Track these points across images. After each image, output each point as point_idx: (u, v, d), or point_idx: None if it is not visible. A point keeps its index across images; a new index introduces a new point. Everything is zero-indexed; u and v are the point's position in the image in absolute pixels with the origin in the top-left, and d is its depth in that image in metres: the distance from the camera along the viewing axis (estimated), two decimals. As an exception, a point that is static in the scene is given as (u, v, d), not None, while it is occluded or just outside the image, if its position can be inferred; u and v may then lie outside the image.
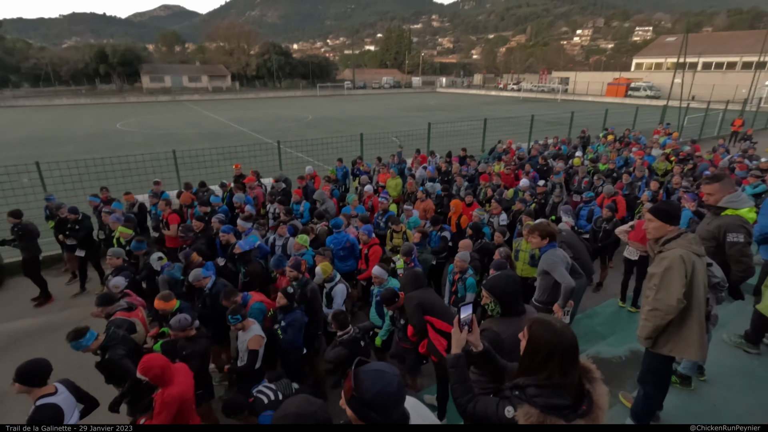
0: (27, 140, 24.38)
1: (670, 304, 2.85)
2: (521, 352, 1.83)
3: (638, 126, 19.98)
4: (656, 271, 2.96)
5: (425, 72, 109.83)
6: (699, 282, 2.88)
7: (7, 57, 67.18)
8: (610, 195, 7.81)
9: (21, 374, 2.87)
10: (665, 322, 2.95)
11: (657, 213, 3.02)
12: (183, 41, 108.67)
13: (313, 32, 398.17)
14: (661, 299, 2.89)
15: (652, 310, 2.97)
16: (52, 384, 3.03)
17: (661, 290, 2.89)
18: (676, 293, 2.82)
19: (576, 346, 1.72)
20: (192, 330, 3.79)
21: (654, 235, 3.06)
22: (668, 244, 2.96)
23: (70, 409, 2.97)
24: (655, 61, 64.43)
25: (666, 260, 2.89)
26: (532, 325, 1.79)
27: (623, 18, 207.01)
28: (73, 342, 3.56)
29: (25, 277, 7.49)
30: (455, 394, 1.96)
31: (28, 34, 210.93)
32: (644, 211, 6.79)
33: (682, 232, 2.98)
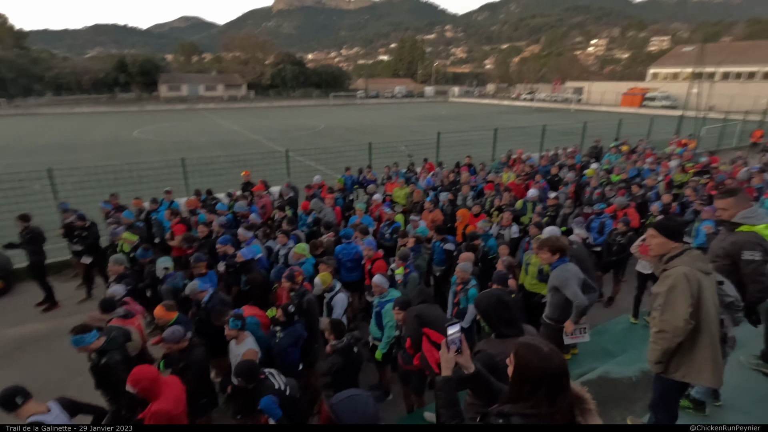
0: (46, 147, 25.00)
1: (677, 326, 2.70)
2: (509, 378, 1.71)
3: (653, 136, 19.59)
4: (660, 291, 2.81)
5: (438, 82, 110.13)
6: (708, 301, 2.72)
7: (33, 67, 69.40)
8: (623, 207, 7.62)
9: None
10: (674, 345, 2.79)
11: (660, 228, 2.89)
12: (200, 51, 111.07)
13: (328, 42, 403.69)
14: (668, 320, 2.74)
15: (659, 332, 2.82)
16: (44, 404, 2.98)
17: (667, 310, 2.74)
18: (682, 313, 2.66)
19: (566, 372, 1.60)
20: (185, 341, 3.73)
21: (657, 252, 2.93)
22: (672, 261, 2.81)
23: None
24: (672, 71, 63.52)
25: (669, 279, 2.75)
26: (519, 349, 1.67)
27: (639, 28, 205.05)
28: (76, 336, 3.56)
29: (33, 283, 7.59)
30: (441, 419, 1.84)
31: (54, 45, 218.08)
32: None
33: (686, 248, 2.83)
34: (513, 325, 2.53)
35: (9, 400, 2.83)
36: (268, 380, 3.40)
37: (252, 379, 3.35)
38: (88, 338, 3.56)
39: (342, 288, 5.00)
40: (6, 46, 72.04)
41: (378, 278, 4.71)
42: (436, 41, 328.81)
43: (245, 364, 3.45)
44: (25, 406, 2.86)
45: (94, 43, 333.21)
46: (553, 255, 4.14)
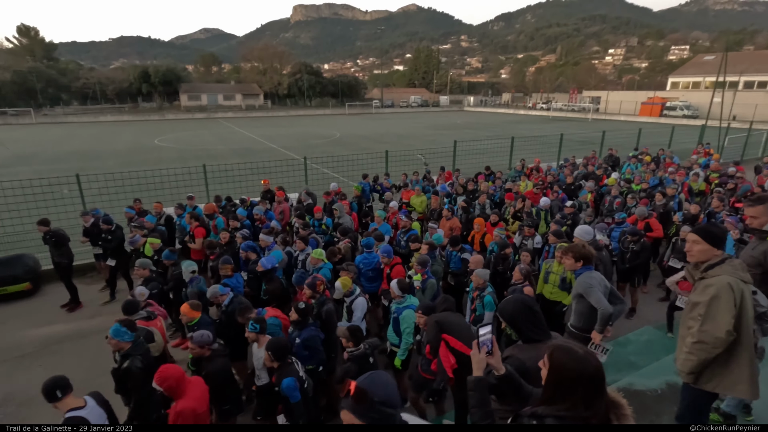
0: (72, 154, 25.83)
1: (718, 337, 2.60)
2: (543, 381, 1.70)
3: (674, 146, 19.23)
4: (701, 300, 2.71)
5: (453, 91, 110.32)
6: (748, 312, 2.64)
7: (61, 77, 72.08)
8: (644, 216, 7.48)
9: (42, 392, 2.96)
10: (712, 356, 2.69)
11: (704, 234, 2.77)
12: (220, 62, 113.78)
13: (344, 53, 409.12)
14: (708, 331, 2.64)
15: (697, 342, 2.71)
16: (82, 397, 3.07)
17: (708, 321, 2.65)
18: (725, 325, 2.57)
19: (602, 375, 1.58)
20: (208, 350, 3.78)
21: (698, 259, 2.82)
22: (712, 270, 2.72)
23: (98, 421, 3.00)
24: (693, 80, 62.36)
25: (712, 288, 2.65)
26: (553, 352, 1.66)
27: (658, 37, 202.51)
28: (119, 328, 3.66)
29: (59, 284, 7.80)
30: (474, 418, 1.85)
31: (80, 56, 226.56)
32: (683, 233, 6.50)
33: (727, 257, 2.74)
34: (541, 329, 2.50)
35: (51, 391, 2.93)
36: (293, 365, 3.45)
37: (281, 357, 3.44)
38: (125, 336, 3.65)
39: (362, 292, 5.02)
40: (37, 57, 75.04)
41: (393, 284, 4.71)
42: (452, 51, 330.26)
43: (279, 340, 3.52)
44: (64, 399, 2.95)
45: (119, 55, 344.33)
46: (576, 262, 4.08)
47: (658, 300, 7.33)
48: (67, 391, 2.98)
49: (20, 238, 8.47)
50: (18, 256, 8.03)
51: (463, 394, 3.87)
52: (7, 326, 6.88)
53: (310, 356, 4.27)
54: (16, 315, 7.24)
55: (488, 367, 1.98)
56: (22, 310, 7.40)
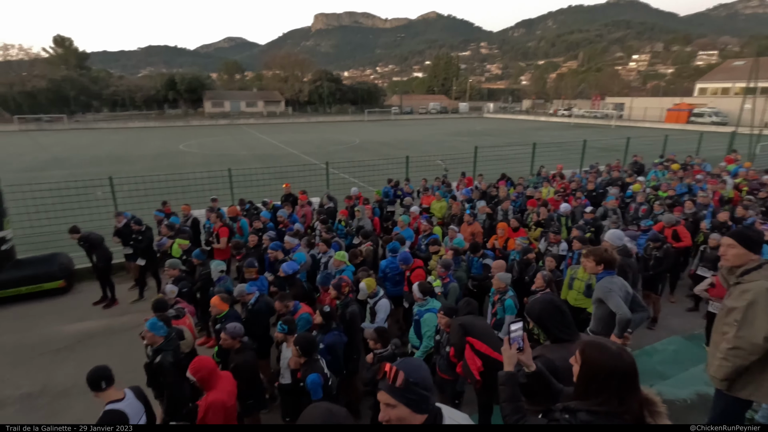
0: (103, 158, 26.83)
1: (755, 343, 2.55)
2: (575, 378, 1.71)
3: (703, 153, 18.70)
4: (737, 306, 2.66)
5: (473, 98, 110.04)
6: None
7: (92, 85, 75.08)
8: (671, 224, 7.30)
9: (87, 380, 3.08)
10: (748, 363, 2.64)
11: (740, 238, 2.73)
12: (243, 70, 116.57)
13: (364, 60, 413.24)
14: (744, 337, 2.59)
15: (733, 348, 2.66)
16: (122, 390, 3.19)
17: (744, 327, 2.60)
18: (762, 330, 2.52)
19: (635, 371, 1.58)
20: (238, 342, 3.89)
21: (733, 263, 2.77)
22: (748, 275, 2.66)
23: (136, 414, 3.11)
24: (722, 85, 60.60)
25: (749, 293, 2.60)
26: (585, 348, 1.67)
27: (684, 42, 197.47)
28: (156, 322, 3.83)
29: (91, 282, 8.13)
30: (504, 412, 1.88)
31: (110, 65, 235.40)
32: (712, 241, 6.33)
33: (764, 262, 2.68)
34: (569, 329, 2.49)
35: (97, 381, 3.05)
36: (319, 362, 3.53)
37: (308, 352, 3.51)
38: (160, 330, 3.80)
39: (385, 294, 5.07)
40: (70, 66, 78.35)
41: (415, 288, 4.74)
42: (471, 58, 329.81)
43: (307, 335, 3.60)
44: (107, 390, 3.07)
45: (147, 63, 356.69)
46: (597, 265, 4.01)
47: (687, 310, 7.13)
48: (111, 382, 3.10)
49: (55, 237, 8.83)
50: (53, 254, 8.39)
51: (487, 396, 3.87)
52: (43, 321, 7.19)
53: (332, 361, 4.31)
54: (51, 311, 7.56)
55: (518, 365, 2.00)
56: (57, 307, 7.72)
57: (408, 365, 1.60)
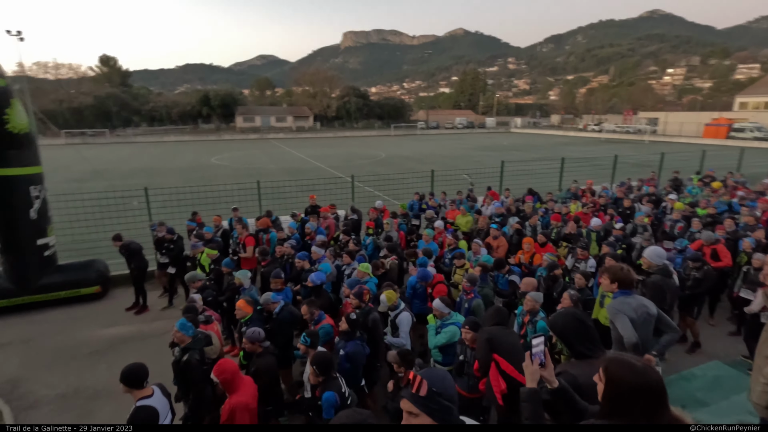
0: (139, 170, 28.11)
1: None
2: (599, 397, 1.64)
3: (744, 170, 17.84)
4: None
5: (500, 113, 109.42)
6: None
7: (133, 101, 79.37)
8: (710, 242, 6.96)
9: (123, 376, 3.19)
10: None
11: None
12: (273, 86, 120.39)
13: (391, 76, 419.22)
14: None
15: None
16: (150, 386, 3.30)
17: None
18: None
19: (663, 388, 1.51)
20: (259, 347, 3.95)
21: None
22: None
23: (164, 410, 3.22)
24: (765, 99, 58.01)
25: None
26: (609, 365, 1.60)
27: (723, 55, 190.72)
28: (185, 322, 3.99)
29: (126, 288, 8.43)
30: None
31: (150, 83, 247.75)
32: (756, 262, 6.00)
33: None
34: (593, 345, 2.40)
35: (138, 379, 3.18)
36: (337, 380, 3.50)
37: (325, 371, 3.48)
38: (189, 330, 3.96)
39: (407, 307, 5.02)
40: (114, 84, 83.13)
41: (438, 303, 4.65)
42: (498, 73, 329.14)
43: (324, 354, 3.60)
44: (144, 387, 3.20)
45: (183, 80, 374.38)
46: (611, 284, 3.79)
47: (728, 334, 6.74)
48: (146, 380, 3.24)
49: (94, 245, 9.26)
50: (91, 261, 8.79)
51: (510, 419, 3.73)
52: (78, 324, 7.50)
53: (352, 371, 4.28)
54: (87, 315, 7.88)
55: (541, 382, 1.93)
56: (92, 311, 8.05)
57: (432, 375, 1.58)
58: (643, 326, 3.60)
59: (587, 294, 5.47)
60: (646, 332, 3.65)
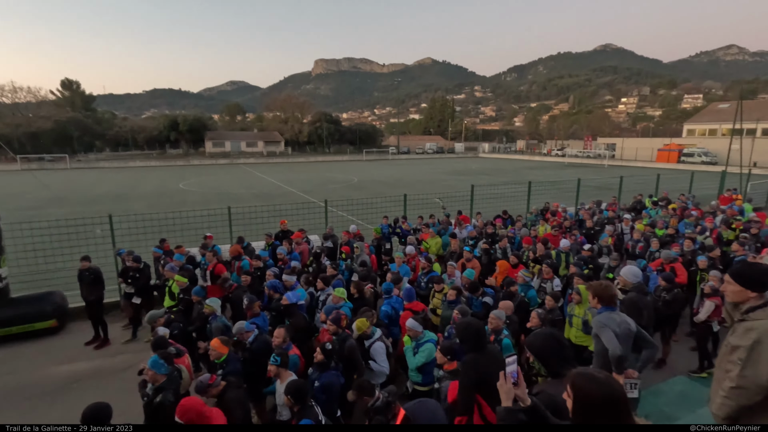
0: (102, 197, 27.02)
1: (759, 384, 2.50)
2: (570, 412, 1.69)
3: (695, 192, 19.04)
4: (742, 344, 2.61)
5: (468, 138, 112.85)
6: None
7: (96, 126, 76.89)
8: (669, 261, 7.34)
9: (84, 418, 3.00)
10: (751, 403, 2.59)
11: (736, 276, 2.73)
12: (244, 111, 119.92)
13: (362, 103, 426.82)
14: (749, 377, 2.55)
15: (736, 388, 2.62)
16: None
17: (748, 367, 2.55)
18: (767, 371, 2.48)
19: (626, 398, 1.59)
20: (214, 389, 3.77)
21: (732, 299, 2.77)
22: (754, 312, 2.63)
23: None
24: (709, 127, 62.64)
25: (754, 332, 2.57)
26: (574, 379, 1.67)
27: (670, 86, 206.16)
28: (158, 360, 3.74)
29: (84, 322, 7.95)
30: None
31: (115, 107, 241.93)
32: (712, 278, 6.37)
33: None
34: (569, 364, 2.47)
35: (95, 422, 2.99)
36: (314, 409, 3.42)
37: (300, 400, 3.38)
38: (162, 368, 3.72)
39: (382, 336, 4.96)
40: (76, 108, 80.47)
41: (411, 322, 4.65)
42: (466, 101, 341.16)
43: (298, 383, 3.48)
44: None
45: (151, 105, 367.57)
46: (593, 299, 3.97)
47: (690, 349, 7.03)
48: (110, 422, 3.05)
49: (51, 275, 8.76)
50: (47, 293, 8.28)
51: None
52: (32, 363, 6.97)
53: (326, 403, 4.17)
54: (41, 351, 7.35)
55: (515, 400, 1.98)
56: (47, 347, 7.52)
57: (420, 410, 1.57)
58: (625, 341, 3.76)
59: (557, 314, 5.61)
60: (626, 347, 3.82)
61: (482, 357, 3.42)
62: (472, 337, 3.49)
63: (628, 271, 5.12)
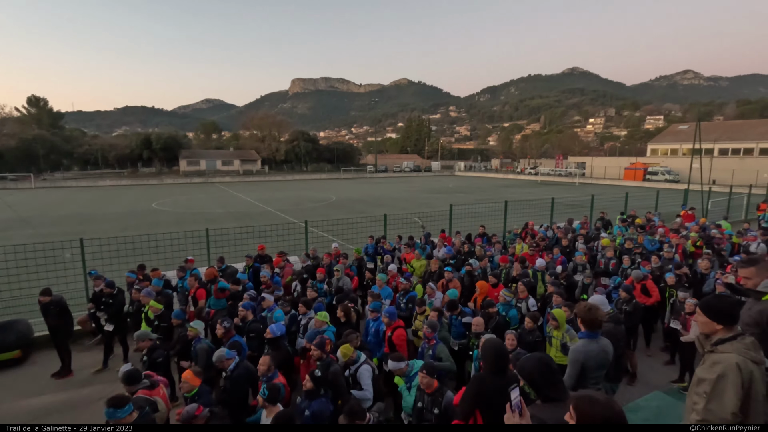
0: (69, 217, 25.96)
1: (723, 417, 2.55)
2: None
3: (660, 209, 19.95)
4: (707, 377, 2.65)
5: (444, 157, 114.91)
6: (757, 393, 2.58)
7: (64, 144, 74.27)
8: (640, 279, 7.62)
9: None
10: None
11: (704, 308, 2.78)
12: (220, 129, 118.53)
13: (339, 121, 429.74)
14: (713, 411, 2.58)
15: (702, 421, 2.64)
16: None
17: (713, 400, 2.59)
18: (731, 406, 2.51)
19: (625, 419, 1.71)
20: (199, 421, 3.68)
21: (702, 330, 2.83)
22: (722, 345, 2.67)
23: None
24: (670, 146, 66.05)
25: (719, 366, 2.60)
26: (578, 403, 1.75)
27: (633, 108, 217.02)
28: (111, 409, 3.53)
29: (51, 352, 7.56)
30: None
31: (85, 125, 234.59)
32: (680, 297, 6.66)
33: (738, 333, 2.69)
34: (559, 389, 2.53)
35: None
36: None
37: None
38: (122, 413, 3.52)
39: (367, 360, 4.94)
40: (42, 125, 77.76)
41: (391, 364, 4.56)
42: (441, 120, 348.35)
43: (287, 413, 3.42)
44: None
45: (122, 123, 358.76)
46: (580, 323, 3.92)
47: (664, 363, 7.27)
48: None
49: (15, 303, 8.34)
50: (11, 322, 7.85)
51: None
52: (-7, 397, 6.57)
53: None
54: (4, 385, 6.92)
55: None
56: (10, 380, 7.09)
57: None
58: (598, 370, 3.80)
59: (537, 335, 5.70)
60: (599, 374, 3.88)
61: (489, 377, 3.52)
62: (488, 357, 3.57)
63: (597, 301, 5.11)
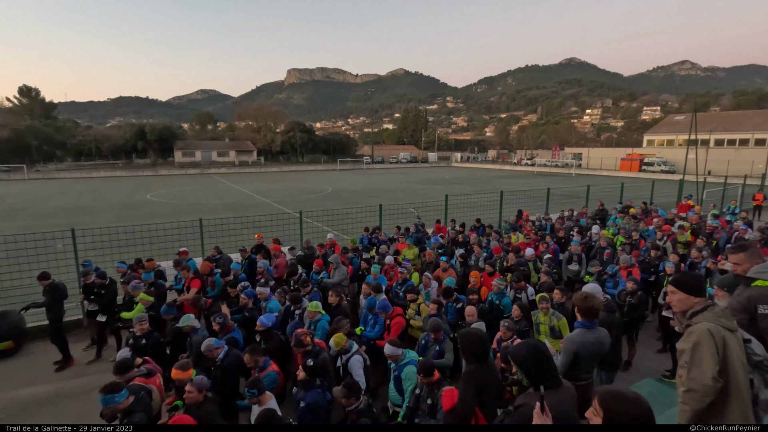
0: (62, 209, 25.77)
1: (705, 384, 2.62)
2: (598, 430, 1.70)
3: (656, 199, 19.99)
4: (685, 347, 2.77)
5: (441, 148, 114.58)
6: (734, 360, 2.66)
7: (57, 135, 73.37)
8: (627, 266, 7.67)
9: None
10: (705, 405, 2.68)
11: (678, 284, 2.93)
12: (215, 120, 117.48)
13: (335, 112, 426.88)
14: (695, 378, 2.67)
15: (687, 391, 2.73)
16: None
17: (693, 368, 2.69)
18: (710, 371, 2.60)
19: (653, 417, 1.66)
20: (203, 395, 3.72)
21: (679, 308, 2.94)
22: (695, 317, 2.81)
23: None
24: (667, 137, 66.09)
25: (693, 335, 2.73)
26: (605, 399, 1.68)
27: (630, 99, 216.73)
28: (106, 396, 3.53)
29: (42, 343, 7.54)
30: None
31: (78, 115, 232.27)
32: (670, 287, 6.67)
33: (708, 304, 2.84)
34: (552, 376, 2.51)
35: None
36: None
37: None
38: (118, 397, 3.54)
39: (359, 349, 4.92)
40: (35, 116, 76.75)
41: (389, 348, 4.53)
42: (438, 111, 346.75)
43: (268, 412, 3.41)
44: None
45: (116, 114, 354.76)
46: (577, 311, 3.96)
47: (656, 352, 7.32)
48: None
49: (7, 294, 8.27)
50: (3, 312, 7.78)
51: None
52: (-16, 388, 6.53)
53: (314, 422, 4.08)
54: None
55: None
56: (2, 370, 7.05)
57: None
58: (592, 358, 3.83)
59: (523, 325, 5.72)
60: (592, 363, 3.92)
61: (482, 369, 3.57)
62: (475, 348, 3.62)
63: (592, 290, 5.08)
